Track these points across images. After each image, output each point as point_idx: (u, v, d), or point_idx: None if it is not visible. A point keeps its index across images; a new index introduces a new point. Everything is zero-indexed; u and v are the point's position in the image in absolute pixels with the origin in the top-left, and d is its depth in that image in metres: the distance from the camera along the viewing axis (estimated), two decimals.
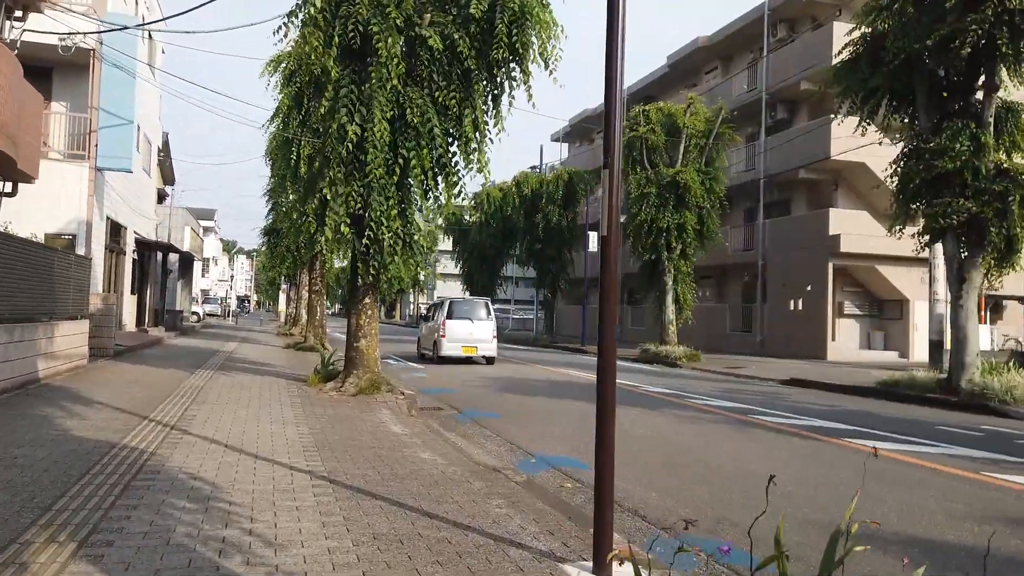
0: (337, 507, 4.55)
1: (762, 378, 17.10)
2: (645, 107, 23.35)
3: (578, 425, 9.16)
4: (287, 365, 15.39)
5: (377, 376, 10.77)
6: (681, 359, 21.26)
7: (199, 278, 67.24)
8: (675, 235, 22.33)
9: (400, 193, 10.36)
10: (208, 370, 13.39)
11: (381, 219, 9.90)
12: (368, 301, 10.90)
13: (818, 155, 24.37)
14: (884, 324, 25.44)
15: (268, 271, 47.81)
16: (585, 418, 9.75)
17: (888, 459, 7.32)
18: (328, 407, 9.22)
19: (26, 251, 9.98)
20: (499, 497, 5.04)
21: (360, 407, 9.39)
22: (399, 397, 10.23)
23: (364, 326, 10.82)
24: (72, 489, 4.68)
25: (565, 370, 18.09)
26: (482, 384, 14.04)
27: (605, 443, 3.71)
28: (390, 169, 9.97)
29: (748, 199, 28.43)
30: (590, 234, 30.21)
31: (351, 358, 10.88)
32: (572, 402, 11.49)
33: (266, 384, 11.47)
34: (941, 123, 13.15)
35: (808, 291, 24.46)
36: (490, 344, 18.89)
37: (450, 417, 9.74)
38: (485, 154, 10.50)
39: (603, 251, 3.71)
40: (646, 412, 10.53)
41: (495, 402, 11.36)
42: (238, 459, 5.85)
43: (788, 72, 26.43)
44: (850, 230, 23.53)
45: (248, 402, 9.31)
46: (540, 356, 23.85)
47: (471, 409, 10.45)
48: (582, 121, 42.27)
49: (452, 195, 10.75)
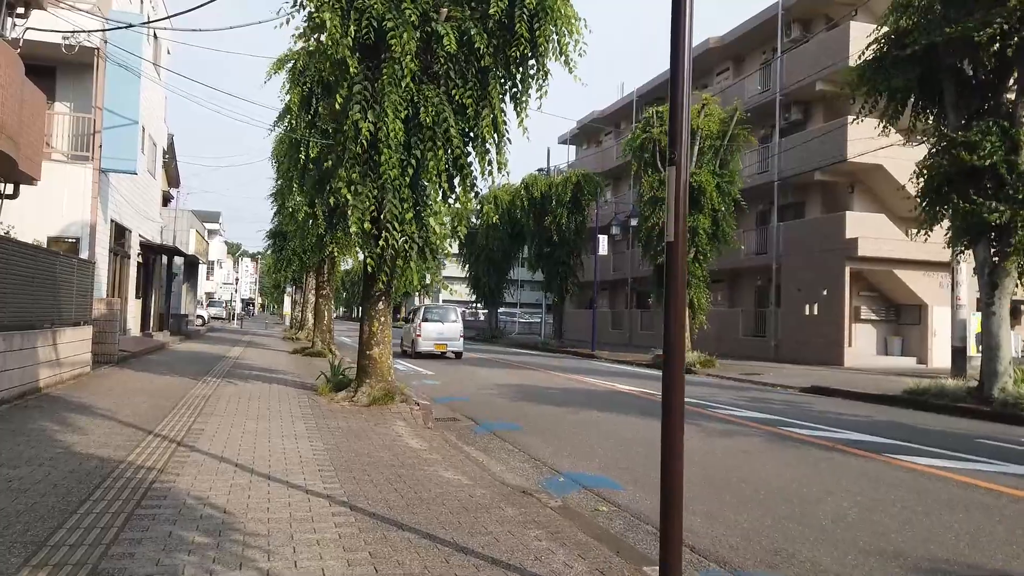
0: (362, 540, 4.12)
1: (782, 385, 16.64)
2: (658, 108, 22.90)
3: (602, 438, 8.73)
4: (295, 372, 14.99)
5: (391, 385, 10.35)
6: (696, 365, 20.80)
7: (204, 281, 67.01)
8: (688, 238, 21.88)
9: (415, 195, 9.95)
10: (215, 377, 12.99)
11: (394, 222, 9.49)
12: (381, 307, 10.48)
13: (834, 157, 23.90)
14: (901, 329, 24.95)
15: (273, 274, 47.52)
16: (609, 430, 9.34)
17: (939, 477, 6.88)
18: (341, 419, 8.81)
19: (25, 255, 9.58)
20: (536, 526, 4.61)
21: (374, 419, 8.97)
22: (414, 407, 9.81)
23: (377, 333, 10.40)
24: (70, 520, 4.27)
25: (578, 377, 17.66)
26: (495, 392, 13.62)
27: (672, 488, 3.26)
28: (404, 170, 9.57)
29: (761, 202, 27.98)
30: (599, 237, 29.77)
31: (363, 366, 10.46)
32: (592, 412, 11.06)
33: (275, 393, 11.06)
34: (970, 122, 12.72)
35: (824, 295, 23.99)
36: (457, 342, 22.89)
37: (468, 429, 9.32)
38: (504, 155, 10.10)
39: (670, 259, 3.27)
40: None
41: (511, 412, 10.94)
42: (250, 481, 5.43)
43: (803, 73, 25.99)
44: (867, 233, 23.06)
45: (257, 414, 8.90)
46: (549, 361, 23.42)
47: (488, 420, 10.02)
48: (592, 122, 41.86)
49: (468, 199, 10.34)
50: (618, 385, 15.63)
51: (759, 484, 6.48)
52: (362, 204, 9.36)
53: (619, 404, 12.27)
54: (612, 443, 8.45)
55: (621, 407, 11.83)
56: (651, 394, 13.90)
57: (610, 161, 40.19)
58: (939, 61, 12.80)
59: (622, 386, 15.43)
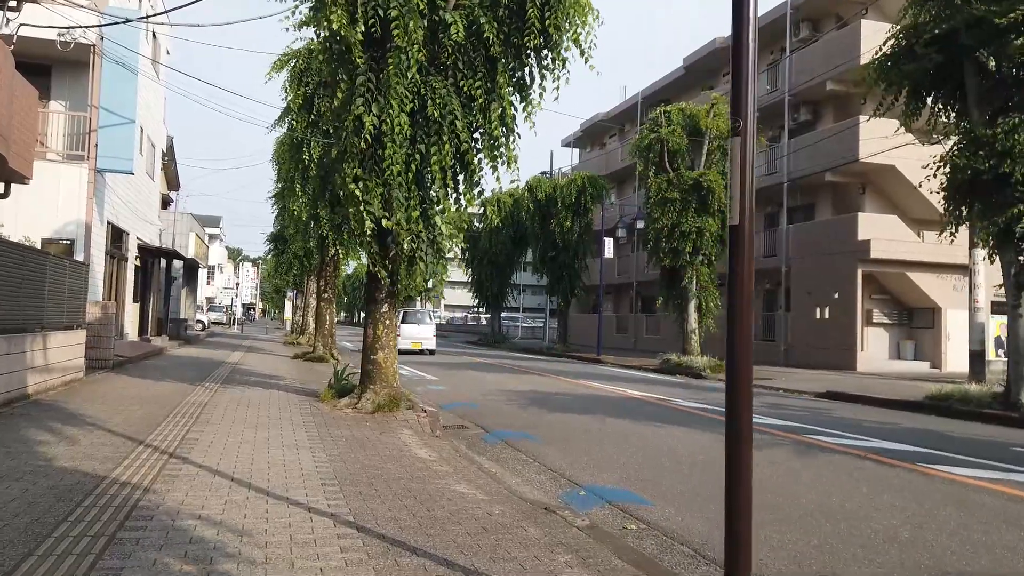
0: (371, 568, 3.66)
1: (796, 391, 16.16)
2: (666, 108, 22.49)
3: (621, 447, 8.26)
4: (296, 378, 14.53)
5: (396, 391, 9.89)
6: (706, 370, 20.34)
7: (204, 286, 66.58)
8: (697, 240, 21.45)
9: (420, 192, 9.49)
10: (213, 383, 12.53)
11: (402, 220, 9.05)
12: (386, 310, 10.02)
13: (846, 157, 23.45)
14: (914, 333, 24.45)
15: (274, 279, 46.99)
16: (627, 439, 8.85)
17: (987, 490, 6.41)
18: (345, 427, 8.35)
19: (13, 255, 9.13)
20: (564, 550, 4.15)
21: (379, 427, 8.51)
22: (420, 415, 9.34)
23: (382, 337, 9.94)
24: (44, 544, 3.81)
25: (586, 382, 17.19)
26: (503, 398, 13.16)
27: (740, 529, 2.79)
28: (408, 166, 9.13)
29: (769, 204, 27.53)
30: (605, 240, 29.31)
31: (367, 372, 9.99)
32: (606, 419, 10.60)
33: (275, 400, 10.60)
34: (995, 118, 12.26)
35: (835, 298, 23.51)
36: (431, 340, 26.55)
37: (477, 438, 8.87)
38: (513, 150, 9.67)
39: (734, 246, 2.82)
40: (691, 432, 9.61)
41: (521, 419, 10.48)
42: (247, 497, 4.97)
43: (812, 73, 25.58)
44: (880, 235, 22.59)
45: (256, 422, 8.44)
46: (555, 366, 22.95)
47: (498, 427, 9.56)
48: (595, 124, 41.44)
49: (472, 196, 9.90)
50: (629, 390, 15.16)
51: (796, 498, 6.01)
52: (371, 199, 8.91)
53: (632, 410, 11.81)
54: (632, 453, 7.98)
55: (635, 414, 11.37)
56: (664, 400, 13.42)
57: (614, 164, 39.78)
58: (960, 52, 12.36)
59: (633, 391, 14.97)
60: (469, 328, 68.25)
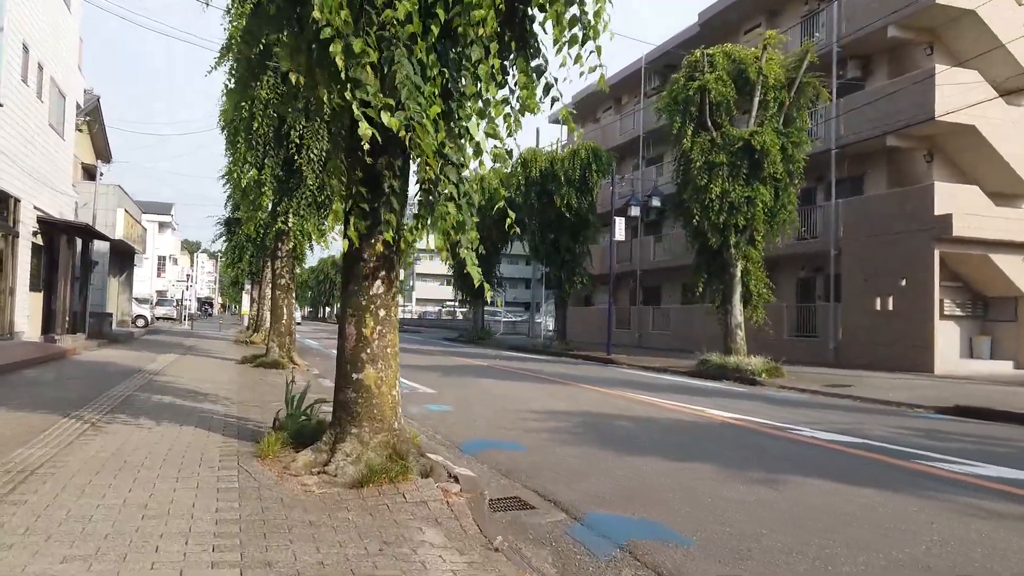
0: None
1: (902, 403, 12.08)
2: (708, 51, 18.26)
3: (857, 557, 3.93)
4: (235, 397, 9.98)
5: (400, 439, 5.45)
6: (761, 374, 16.19)
7: (155, 278, 60.83)
8: (748, 213, 17.35)
9: (446, 72, 5.04)
10: (95, 411, 7.96)
11: (414, 114, 4.61)
12: (379, 291, 5.56)
13: (917, 116, 19.51)
14: (988, 327, 20.63)
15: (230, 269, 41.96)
16: (842, 534, 4.43)
17: None
18: (300, 533, 3.93)
19: None
20: None
21: (374, 526, 4.12)
22: (450, 489, 4.94)
23: (372, 339, 5.49)
24: None
25: (632, 394, 12.92)
26: (544, 426, 8.82)
27: None
28: (427, 28, 4.77)
29: (808, 176, 23.50)
30: (616, 220, 25.07)
31: (346, 403, 5.50)
32: (759, 475, 6.31)
33: (179, 453, 6.07)
34: None
35: (902, 286, 19.55)
36: None
37: (566, 537, 4.52)
38: (603, 7, 5.34)
39: None
40: (888, 497, 5.36)
41: (614, 479, 6.13)
42: None
43: (862, 20, 21.63)
44: (961, 209, 18.66)
45: (120, 511, 3.98)
46: (566, 370, 18.63)
47: (590, 504, 5.22)
48: (589, 96, 37.27)
49: (534, 93, 5.52)
50: (708, 410, 10.90)
51: None
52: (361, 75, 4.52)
53: (766, 453, 7.56)
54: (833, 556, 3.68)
55: (782, 461, 7.12)
56: (777, 427, 9.19)
57: (612, 139, 35.63)
58: None
59: (713, 411, 10.73)
60: (444, 324, 63.94)
